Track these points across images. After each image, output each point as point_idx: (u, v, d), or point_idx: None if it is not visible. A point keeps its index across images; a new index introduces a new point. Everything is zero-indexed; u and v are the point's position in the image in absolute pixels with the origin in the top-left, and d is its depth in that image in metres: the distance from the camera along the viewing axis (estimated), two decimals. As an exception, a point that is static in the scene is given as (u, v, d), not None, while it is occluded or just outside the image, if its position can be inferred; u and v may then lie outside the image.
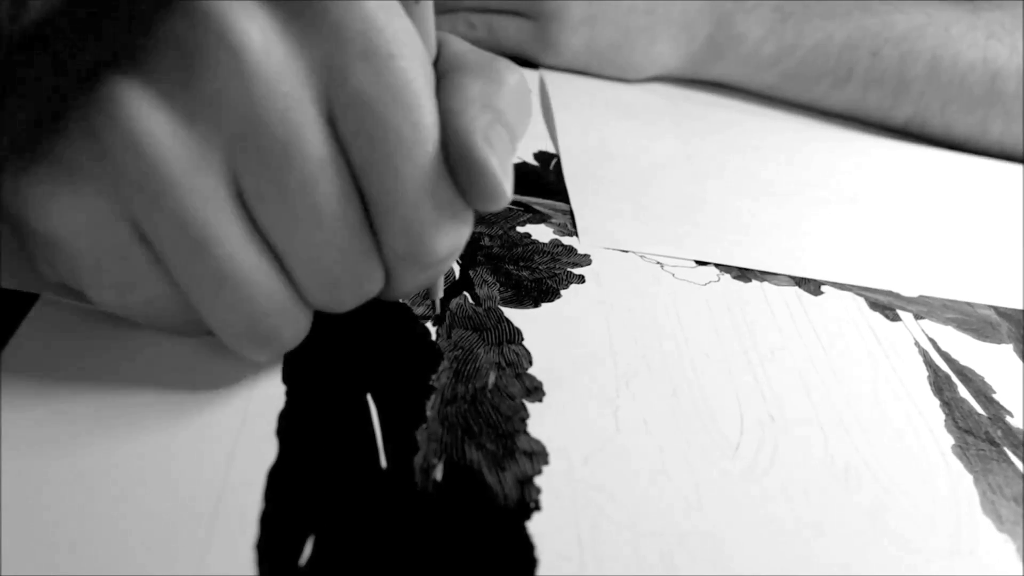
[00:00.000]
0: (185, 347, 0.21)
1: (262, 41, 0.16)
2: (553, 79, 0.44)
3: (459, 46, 0.21)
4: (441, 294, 0.24)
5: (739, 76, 0.48)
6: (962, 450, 0.24)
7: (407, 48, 0.17)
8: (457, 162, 0.18)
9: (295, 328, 0.19)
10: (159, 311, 0.19)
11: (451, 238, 0.19)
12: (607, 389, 0.23)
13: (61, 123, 0.17)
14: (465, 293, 0.26)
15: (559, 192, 0.33)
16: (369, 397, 0.21)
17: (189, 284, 0.18)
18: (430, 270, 0.20)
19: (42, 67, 0.17)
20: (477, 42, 0.32)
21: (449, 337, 0.24)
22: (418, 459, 0.19)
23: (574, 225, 0.31)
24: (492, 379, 0.22)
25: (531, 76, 0.44)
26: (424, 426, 0.20)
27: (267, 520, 0.17)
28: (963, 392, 0.26)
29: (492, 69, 0.20)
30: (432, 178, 0.18)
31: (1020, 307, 0.32)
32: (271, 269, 0.18)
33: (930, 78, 0.46)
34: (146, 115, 0.16)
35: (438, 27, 0.20)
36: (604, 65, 0.46)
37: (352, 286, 0.19)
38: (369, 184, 0.18)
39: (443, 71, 0.20)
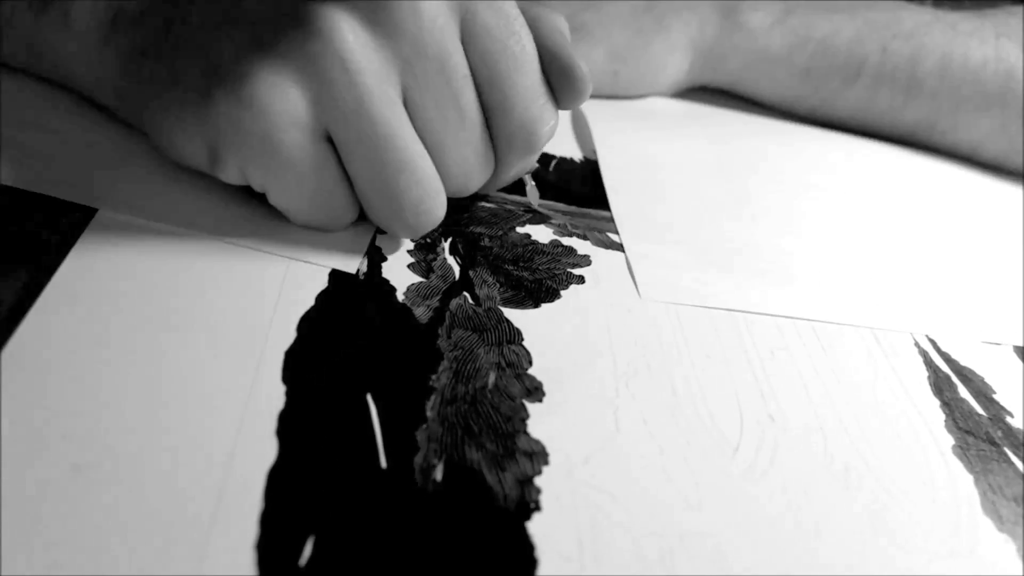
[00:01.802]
0: (184, 347, 0.21)
1: None
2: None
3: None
4: (536, 193, 0.32)
5: (751, 76, 0.45)
6: (962, 450, 0.24)
7: None
8: (555, 70, 0.26)
9: (441, 210, 0.25)
10: (322, 208, 0.25)
11: (550, 128, 0.26)
12: (607, 389, 0.23)
13: (275, 49, 0.22)
14: (465, 293, 0.26)
15: (559, 193, 0.33)
16: (369, 397, 0.21)
17: (373, 173, 0.23)
18: (531, 156, 0.27)
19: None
20: None
21: (449, 337, 0.24)
22: (418, 459, 0.19)
23: (631, 274, 0.29)
24: (492, 379, 0.22)
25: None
26: (424, 426, 0.20)
27: (267, 520, 0.17)
28: (963, 392, 0.26)
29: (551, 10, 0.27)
30: (537, 83, 0.25)
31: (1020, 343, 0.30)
32: (429, 160, 0.24)
33: (942, 75, 0.43)
34: (352, 40, 0.22)
35: None
36: (622, 75, 0.44)
37: (478, 172, 0.26)
38: (493, 92, 0.25)
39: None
